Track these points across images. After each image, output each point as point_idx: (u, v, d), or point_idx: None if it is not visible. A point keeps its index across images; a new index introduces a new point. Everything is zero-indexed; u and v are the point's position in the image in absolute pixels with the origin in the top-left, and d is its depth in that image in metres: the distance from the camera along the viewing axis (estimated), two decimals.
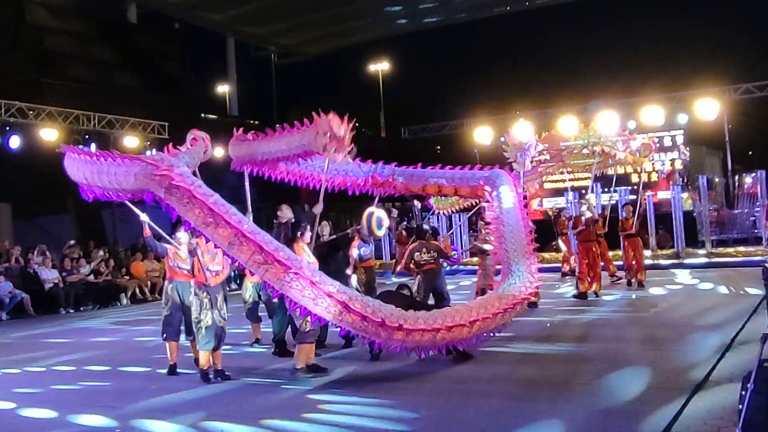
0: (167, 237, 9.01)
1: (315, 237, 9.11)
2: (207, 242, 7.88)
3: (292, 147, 8.84)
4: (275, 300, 9.64)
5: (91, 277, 19.15)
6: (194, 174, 9.59)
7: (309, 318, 7.79)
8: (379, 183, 10.87)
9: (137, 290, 20.03)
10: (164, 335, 8.92)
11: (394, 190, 11.15)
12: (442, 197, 12.90)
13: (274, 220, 10.33)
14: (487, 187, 10.39)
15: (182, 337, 9.03)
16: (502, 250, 9.32)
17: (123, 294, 19.59)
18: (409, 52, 46.73)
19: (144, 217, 8.75)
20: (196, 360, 8.57)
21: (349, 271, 10.19)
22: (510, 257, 9.17)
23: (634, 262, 15.97)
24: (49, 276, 18.21)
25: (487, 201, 10.49)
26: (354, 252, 10.43)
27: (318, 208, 8.86)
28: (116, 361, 10.18)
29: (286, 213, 10.10)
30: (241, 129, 9.87)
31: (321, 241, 9.92)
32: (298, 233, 8.65)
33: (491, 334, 8.51)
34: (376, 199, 10.95)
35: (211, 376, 8.28)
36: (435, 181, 10.63)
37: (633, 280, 15.81)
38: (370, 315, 7.06)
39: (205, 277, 8.16)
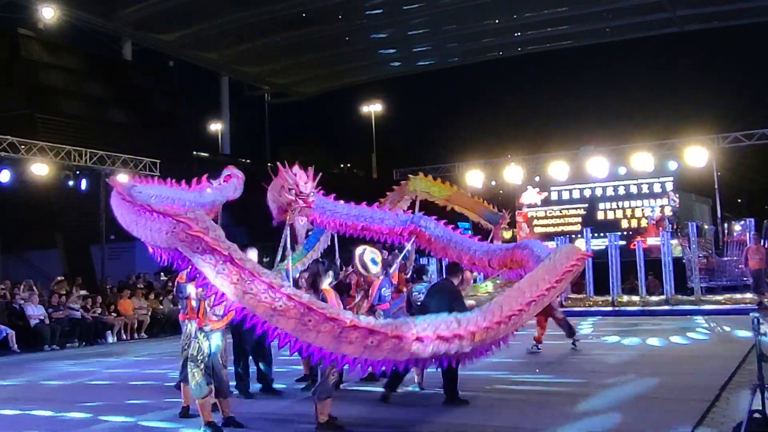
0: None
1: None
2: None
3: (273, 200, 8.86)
4: None
5: (78, 314, 18.97)
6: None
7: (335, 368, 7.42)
8: (416, 234, 10.72)
9: (122, 328, 19.87)
10: (182, 377, 8.60)
11: (429, 245, 10.95)
12: None
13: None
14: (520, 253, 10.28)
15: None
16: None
17: (109, 332, 19.42)
18: (402, 94, 47.10)
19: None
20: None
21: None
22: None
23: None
24: (35, 312, 18.02)
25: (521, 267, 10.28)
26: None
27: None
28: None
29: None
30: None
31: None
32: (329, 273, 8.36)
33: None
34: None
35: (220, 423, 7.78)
36: (470, 253, 10.45)
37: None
38: (379, 329, 6.27)
39: (205, 321, 7.74)
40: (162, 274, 24.27)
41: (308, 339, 6.24)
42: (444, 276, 10.42)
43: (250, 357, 9.96)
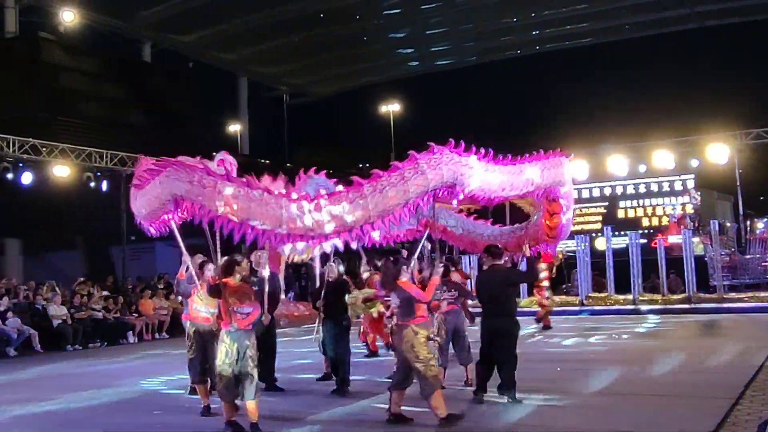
0: (197, 281, 8.70)
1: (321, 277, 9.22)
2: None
3: None
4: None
5: (100, 315, 19.06)
6: None
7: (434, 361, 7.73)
8: (430, 225, 10.70)
9: (143, 328, 19.95)
10: (193, 379, 8.76)
11: (444, 235, 10.88)
12: None
13: (328, 279, 10.21)
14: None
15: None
16: None
17: (130, 332, 19.50)
18: (421, 93, 46.95)
19: (186, 257, 8.61)
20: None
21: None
22: None
23: None
24: (58, 313, 18.12)
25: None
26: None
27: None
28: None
29: (335, 268, 10.18)
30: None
31: (327, 281, 10.06)
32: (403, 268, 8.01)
33: None
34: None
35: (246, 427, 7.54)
36: (484, 238, 10.48)
37: None
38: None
39: (229, 320, 7.42)
40: None
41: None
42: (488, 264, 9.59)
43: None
